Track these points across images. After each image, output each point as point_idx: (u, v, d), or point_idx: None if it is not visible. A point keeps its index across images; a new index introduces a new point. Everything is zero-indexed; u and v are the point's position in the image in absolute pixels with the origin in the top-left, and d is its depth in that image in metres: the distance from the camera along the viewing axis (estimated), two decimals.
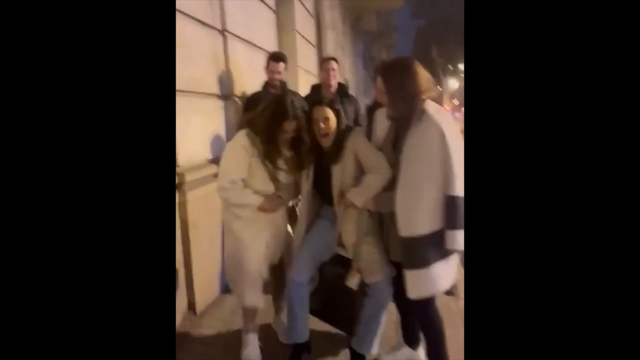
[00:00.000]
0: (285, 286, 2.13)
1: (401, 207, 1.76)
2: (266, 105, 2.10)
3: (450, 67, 32.47)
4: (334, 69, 3.22)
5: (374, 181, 1.92)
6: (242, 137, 2.07)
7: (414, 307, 1.89)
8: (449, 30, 25.70)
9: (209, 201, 2.74)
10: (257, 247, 2.12)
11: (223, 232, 2.42)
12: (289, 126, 2.01)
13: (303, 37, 5.90)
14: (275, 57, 3.17)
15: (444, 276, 1.80)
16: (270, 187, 2.11)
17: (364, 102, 5.74)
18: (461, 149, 1.73)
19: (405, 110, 1.77)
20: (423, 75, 1.77)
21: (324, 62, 3.31)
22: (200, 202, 2.63)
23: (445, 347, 1.87)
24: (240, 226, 2.12)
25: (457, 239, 1.70)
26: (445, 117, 1.77)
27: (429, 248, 1.74)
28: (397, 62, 1.90)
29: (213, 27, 3.07)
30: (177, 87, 2.50)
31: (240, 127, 2.22)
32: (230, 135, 3.20)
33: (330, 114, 1.99)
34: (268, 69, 3.15)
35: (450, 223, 1.71)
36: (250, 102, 3.13)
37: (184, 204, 2.52)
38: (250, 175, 2.07)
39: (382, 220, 1.99)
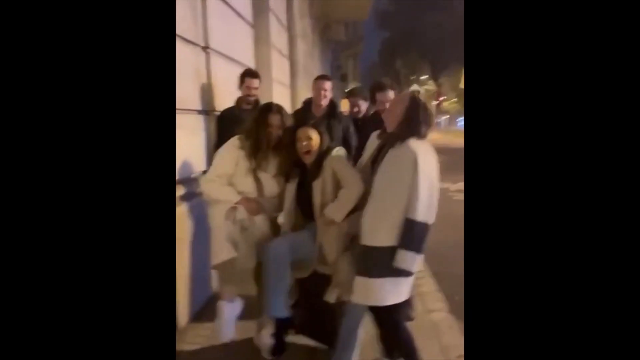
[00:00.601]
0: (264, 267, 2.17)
1: (366, 217, 1.91)
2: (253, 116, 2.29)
3: (412, 77, 33.48)
4: (326, 89, 3.19)
5: (347, 195, 2.06)
6: (234, 139, 2.25)
7: (380, 321, 2.04)
8: (411, 42, 26.50)
9: (191, 217, 2.77)
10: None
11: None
12: (274, 119, 2.18)
13: (277, 49, 5.98)
14: (251, 74, 3.20)
15: (390, 292, 1.91)
16: (252, 190, 2.21)
17: None
18: (432, 178, 1.88)
19: (401, 135, 1.91)
20: (433, 114, 2.00)
21: (317, 80, 3.25)
22: (183, 218, 2.65)
23: (419, 358, 2.02)
24: (217, 215, 2.27)
25: (406, 259, 1.84)
26: (424, 147, 1.92)
27: (381, 261, 1.87)
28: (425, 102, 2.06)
29: (196, 44, 3.10)
30: None
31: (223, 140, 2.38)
32: (210, 149, 3.23)
33: (313, 133, 2.16)
34: (244, 85, 3.16)
35: (403, 242, 1.84)
36: (223, 118, 3.17)
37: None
38: (235, 175, 2.20)
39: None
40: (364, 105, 3.40)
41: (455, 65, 27.64)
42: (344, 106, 5.02)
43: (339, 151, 2.21)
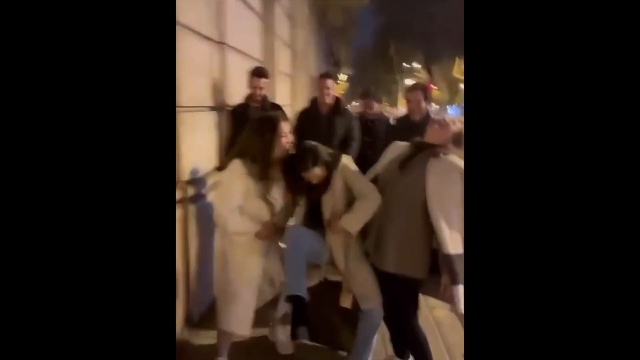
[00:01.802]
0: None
1: (443, 227, 1.90)
2: (249, 129, 2.18)
3: (405, 64, 33.35)
4: (328, 87, 3.27)
5: (365, 207, 2.06)
6: (237, 165, 2.12)
7: (400, 324, 2.15)
8: (406, 30, 26.45)
9: (198, 219, 2.75)
10: (254, 277, 2.20)
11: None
12: (284, 126, 2.14)
13: (281, 38, 5.94)
14: (258, 73, 3.21)
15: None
16: (265, 213, 2.19)
17: None
18: None
19: (446, 149, 2.01)
20: None
21: (319, 79, 3.33)
22: (190, 220, 2.66)
23: (430, 357, 2.13)
24: (237, 254, 2.17)
25: None
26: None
27: (461, 268, 1.89)
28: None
29: (212, 40, 3.09)
30: (183, 103, 2.55)
31: (230, 157, 2.24)
32: (222, 146, 3.25)
33: (318, 170, 2.10)
34: (251, 85, 3.20)
35: None
36: (234, 113, 3.21)
37: (185, 217, 2.57)
38: (246, 201, 2.13)
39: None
40: (376, 106, 3.52)
41: (447, 55, 27.67)
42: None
43: (345, 160, 2.17)
